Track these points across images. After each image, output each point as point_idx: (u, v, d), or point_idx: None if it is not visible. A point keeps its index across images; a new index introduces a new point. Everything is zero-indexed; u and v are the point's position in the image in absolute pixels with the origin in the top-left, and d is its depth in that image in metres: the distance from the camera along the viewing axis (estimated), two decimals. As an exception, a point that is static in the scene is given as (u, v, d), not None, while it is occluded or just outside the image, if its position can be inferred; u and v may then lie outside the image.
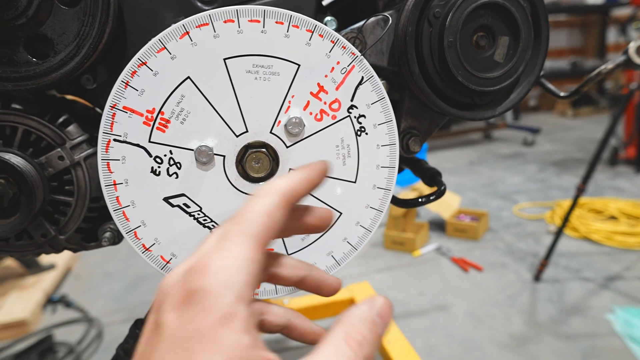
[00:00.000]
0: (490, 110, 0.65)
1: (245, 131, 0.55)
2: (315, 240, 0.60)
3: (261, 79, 0.54)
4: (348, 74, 0.56)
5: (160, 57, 0.51)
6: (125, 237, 0.55)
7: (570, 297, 2.15)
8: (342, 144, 0.58)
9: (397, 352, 1.60)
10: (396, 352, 1.60)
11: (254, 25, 0.52)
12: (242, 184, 0.56)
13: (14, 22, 0.48)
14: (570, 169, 3.92)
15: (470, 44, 0.61)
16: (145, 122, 0.52)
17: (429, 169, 0.79)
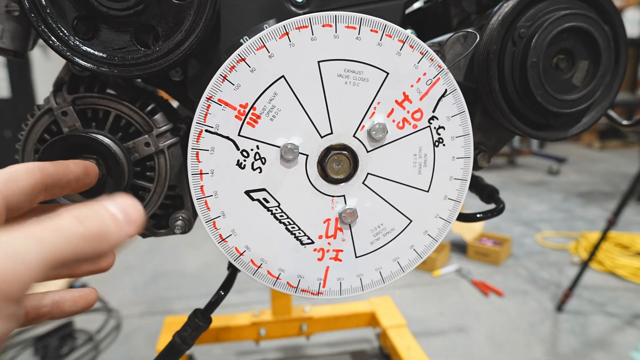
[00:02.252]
0: (562, 131, 0.66)
1: (330, 133, 0.56)
2: (383, 245, 0.61)
3: (351, 83, 0.55)
4: (433, 85, 0.57)
5: (259, 55, 0.53)
6: (205, 226, 0.57)
7: (593, 330, 2.11)
8: (419, 153, 0.59)
9: (419, 369, 1.59)
10: (417, 369, 1.59)
11: (350, 32, 0.54)
12: (321, 184, 0.58)
13: (128, 11, 0.50)
14: (596, 201, 3.87)
15: (551, 65, 0.62)
16: (237, 115, 0.54)
17: (487, 186, 0.80)
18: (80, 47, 0.52)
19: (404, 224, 0.61)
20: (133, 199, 0.34)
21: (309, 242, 0.59)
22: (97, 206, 0.32)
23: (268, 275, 0.59)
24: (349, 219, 0.58)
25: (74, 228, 0.30)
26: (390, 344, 1.76)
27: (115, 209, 0.32)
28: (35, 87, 2.53)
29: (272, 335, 1.84)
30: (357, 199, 0.59)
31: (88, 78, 0.60)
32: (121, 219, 0.32)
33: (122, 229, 0.32)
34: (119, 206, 0.33)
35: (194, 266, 2.78)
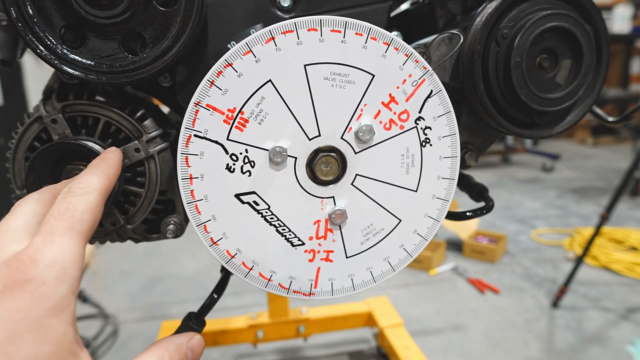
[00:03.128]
0: (547, 129, 0.67)
1: (318, 135, 0.57)
2: (373, 245, 0.62)
3: (337, 86, 0.56)
4: (418, 86, 0.58)
5: (246, 60, 0.54)
6: (195, 230, 0.57)
7: (589, 326, 2.13)
8: (407, 154, 0.60)
9: (416, 368, 1.60)
10: (415, 368, 1.60)
11: (335, 35, 0.55)
12: (310, 186, 0.58)
13: (115, 19, 0.51)
14: (590, 197, 3.90)
15: (534, 65, 0.63)
16: (225, 120, 0.55)
17: (476, 184, 0.81)
18: (68, 55, 0.52)
19: (394, 223, 0.61)
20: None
21: (300, 243, 0.60)
22: None
23: (260, 277, 0.60)
24: (339, 220, 0.59)
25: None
26: (387, 344, 1.77)
27: None
28: (28, 95, 2.53)
29: (269, 338, 1.84)
30: (346, 200, 0.60)
31: (77, 85, 0.60)
32: None
33: None
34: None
35: (190, 270, 2.78)
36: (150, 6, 0.53)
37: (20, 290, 0.29)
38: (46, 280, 0.30)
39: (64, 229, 0.34)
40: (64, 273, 0.31)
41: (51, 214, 0.35)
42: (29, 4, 0.50)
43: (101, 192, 0.39)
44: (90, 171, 0.42)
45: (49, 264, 0.31)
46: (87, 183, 0.39)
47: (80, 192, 0.37)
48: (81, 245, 0.34)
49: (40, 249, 0.32)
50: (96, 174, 0.41)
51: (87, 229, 0.36)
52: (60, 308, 0.30)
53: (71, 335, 0.31)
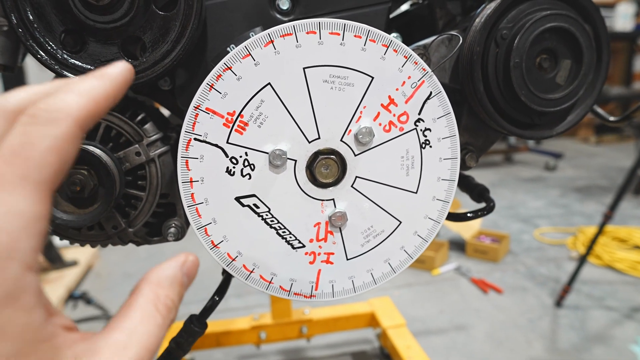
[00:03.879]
0: (547, 130, 0.67)
1: (317, 138, 0.57)
2: (374, 246, 0.62)
3: (336, 88, 0.56)
4: (418, 88, 0.58)
5: (245, 63, 0.54)
6: (196, 233, 0.57)
7: (593, 325, 2.12)
8: (407, 155, 0.60)
9: (419, 368, 1.60)
10: (418, 368, 1.60)
11: (334, 38, 0.55)
12: (310, 188, 0.59)
13: (114, 24, 0.51)
14: (594, 195, 3.89)
15: (534, 65, 0.63)
16: (225, 123, 0.55)
17: (477, 185, 0.80)
18: (68, 60, 0.52)
19: (394, 225, 0.62)
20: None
21: (300, 245, 0.60)
22: None
23: (260, 280, 0.60)
24: (339, 222, 0.59)
25: None
26: (390, 344, 1.77)
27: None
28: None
29: (272, 339, 1.84)
30: (346, 202, 0.60)
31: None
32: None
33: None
34: None
35: (193, 272, 2.78)
36: (149, 10, 0.53)
37: None
38: None
39: (13, 178, 0.23)
40: (13, 247, 0.22)
41: (4, 154, 0.24)
42: (29, 10, 0.50)
43: (78, 120, 0.26)
44: (71, 87, 0.27)
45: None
46: (60, 104, 0.26)
47: (47, 118, 0.25)
48: (39, 201, 0.24)
49: None
50: (77, 92, 0.27)
51: (49, 176, 0.24)
52: (15, 295, 0.22)
53: (37, 320, 0.24)
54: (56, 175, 0.25)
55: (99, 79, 0.28)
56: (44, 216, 0.24)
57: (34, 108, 0.26)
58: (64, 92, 0.27)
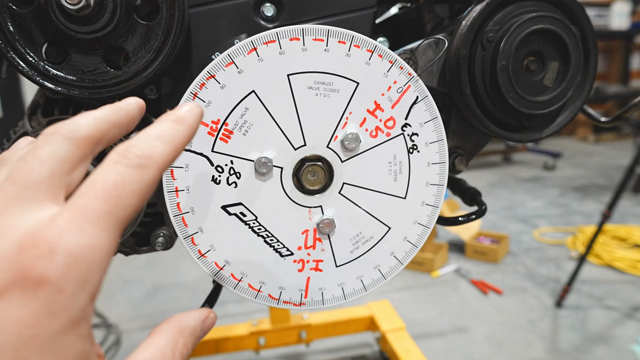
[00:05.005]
0: (537, 132, 0.66)
1: (303, 145, 0.57)
2: (363, 253, 0.61)
3: (321, 95, 0.56)
4: (404, 93, 0.58)
5: (228, 71, 0.54)
6: (183, 242, 0.57)
7: (593, 325, 2.11)
8: (394, 161, 0.59)
9: (418, 372, 1.59)
10: (417, 372, 1.59)
11: (318, 44, 0.55)
12: (297, 196, 0.58)
13: (96, 34, 0.51)
14: (593, 194, 3.88)
15: (521, 68, 0.62)
16: (209, 132, 0.55)
17: (469, 189, 0.80)
18: (50, 71, 0.52)
19: (383, 231, 0.61)
20: None
21: (289, 253, 0.59)
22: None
23: (249, 288, 0.59)
24: (327, 229, 0.59)
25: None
26: (389, 348, 1.76)
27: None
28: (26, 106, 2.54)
29: (271, 344, 1.84)
30: (334, 208, 0.59)
31: (63, 100, 0.60)
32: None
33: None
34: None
35: (192, 278, 2.78)
36: (131, 19, 0.53)
37: (33, 296, 0.22)
38: (65, 287, 0.23)
39: (102, 213, 0.25)
40: (87, 278, 0.24)
41: (92, 184, 0.25)
42: (10, 21, 0.50)
43: (163, 168, 0.28)
44: (159, 133, 0.29)
45: (71, 264, 0.23)
46: (151, 151, 0.27)
47: (138, 162, 0.27)
48: (115, 239, 0.26)
49: (64, 235, 0.23)
50: (166, 141, 0.29)
51: (128, 216, 0.26)
52: (78, 321, 0.24)
53: (88, 350, 0.25)
54: (132, 217, 0.27)
55: (179, 124, 0.30)
56: (112, 253, 0.26)
57: (125, 150, 0.27)
58: (151, 137, 0.28)
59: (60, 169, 0.27)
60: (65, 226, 0.24)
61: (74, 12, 0.49)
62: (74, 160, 0.28)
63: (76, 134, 0.28)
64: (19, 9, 0.50)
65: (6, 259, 0.23)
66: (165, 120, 0.30)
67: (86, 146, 0.28)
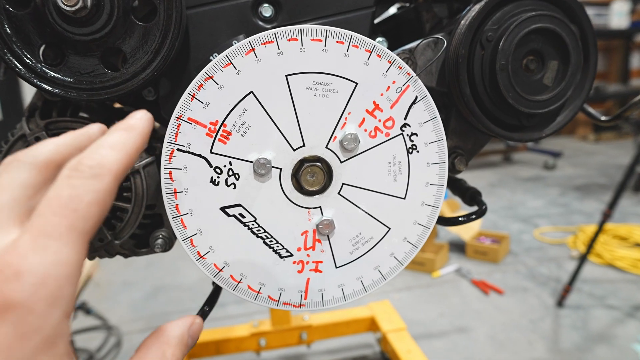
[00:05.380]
0: (537, 132, 0.66)
1: (302, 145, 0.57)
2: (363, 254, 0.61)
3: (320, 95, 0.56)
4: (403, 93, 0.58)
5: (226, 72, 0.53)
6: (182, 244, 0.57)
7: (595, 324, 2.11)
8: (394, 161, 0.59)
9: (419, 373, 1.58)
10: (418, 372, 1.58)
11: (316, 44, 0.54)
12: (296, 197, 0.58)
13: (93, 36, 0.51)
14: (593, 194, 3.88)
15: (521, 67, 0.62)
16: (208, 133, 0.54)
17: (469, 189, 0.80)
18: (47, 73, 0.52)
19: (383, 232, 0.61)
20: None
21: (288, 254, 0.59)
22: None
23: (249, 290, 0.59)
24: (327, 230, 0.59)
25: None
26: (391, 349, 1.75)
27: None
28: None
29: (272, 345, 1.83)
30: (333, 209, 0.59)
31: (60, 102, 0.60)
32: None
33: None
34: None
35: (192, 280, 2.77)
36: (128, 21, 0.52)
37: (2, 320, 0.22)
38: (34, 307, 0.23)
39: (62, 229, 0.25)
40: (58, 295, 0.24)
41: (48, 203, 0.25)
42: (6, 23, 0.50)
43: (117, 175, 0.28)
44: (110, 142, 0.30)
45: (38, 283, 0.23)
46: (102, 160, 0.28)
47: (91, 173, 0.27)
48: (81, 251, 0.26)
49: (28, 256, 0.23)
50: (116, 148, 0.29)
51: (91, 227, 0.26)
52: (53, 340, 0.23)
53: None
54: (96, 226, 0.27)
55: (129, 132, 0.31)
56: (82, 265, 0.26)
57: (77, 163, 0.28)
58: (101, 147, 0.29)
59: (21, 194, 0.28)
60: (28, 247, 0.24)
61: (71, 13, 0.48)
62: (35, 184, 0.29)
63: (36, 159, 0.29)
64: (16, 11, 0.50)
65: None
66: (116, 130, 0.31)
67: (47, 170, 0.30)
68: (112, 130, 0.31)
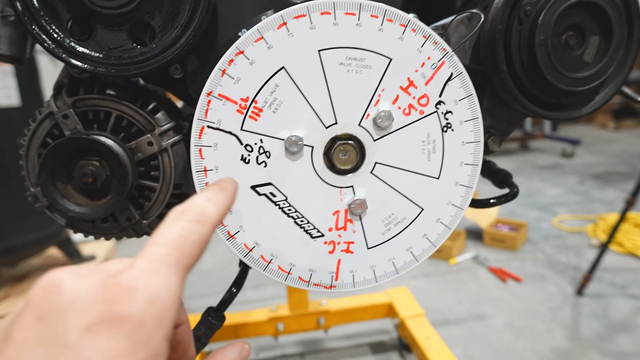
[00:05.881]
0: (575, 110, 0.64)
1: (335, 123, 0.55)
2: (395, 235, 0.60)
3: (353, 71, 0.54)
4: (438, 69, 0.56)
5: (258, 47, 0.52)
6: (211, 223, 0.56)
7: (616, 313, 2.07)
8: (427, 140, 0.57)
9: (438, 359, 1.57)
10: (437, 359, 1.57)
11: (350, 18, 0.52)
12: (328, 175, 0.56)
13: (122, 9, 0.49)
14: (613, 182, 3.80)
15: (560, 43, 0.59)
16: (238, 110, 0.53)
17: (500, 171, 0.78)
18: (75, 48, 0.51)
19: (416, 212, 0.59)
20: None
21: (319, 235, 0.58)
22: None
23: (279, 271, 0.58)
24: (359, 210, 0.57)
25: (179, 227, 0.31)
26: (409, 334, 1.75)
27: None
28: (44, 95, 2.55)
29: (290, 330, 1.84)
30: (366, 189, 0.58)
31: (87, 80, 0.59)
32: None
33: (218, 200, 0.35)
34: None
35: (209, 265, 2.79)
36: (158, -6, 0.51)
37: (118, 329, 0.24)
38: (146, 322, 0.25)
39: (172, 259, 0.28)
40: (164, 316, 0.26)
41: (160, 236, 0.30)
42: (35, -3, 0.49)
43: (214, 225, 0.33)
44: (208, 197, 0.35)
45: (149, 301, 0.26)
46: (205, 210, 0.33)
47: (196, 218, 0.32)
48: (182, 284, 0.28)
49: (143, 277, 0.26)
50: (214, 203, 0.34)
51: (191, 265, 0.30)
52: (156, 358, 0.25)
53: None
54: (193, 266, 0.30)
55: (223, 191, 0.36)
56: (180, 299, 0.29)
57: (184, 209, 0.32)
58: (203, 199, 0.34)
59: None
60: (144, 269, 0.27)
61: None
62: None
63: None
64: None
65: (94, 295, 0.25)
66: (211, 187, 0.37)
67: None
68: (207, 188, 0.37)
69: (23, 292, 2.41)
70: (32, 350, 0.23)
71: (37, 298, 0.25)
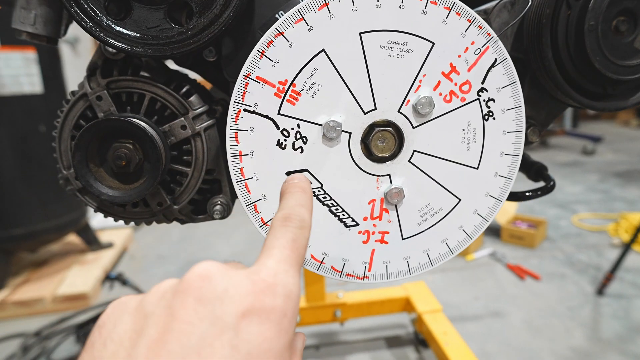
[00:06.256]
0: (622, 101, 0.61)
1: (374, 109, 0.53)
2: (431, 225, 0.58)
3: (394, 55, 0.52)
4: (481, 55, 0.54)
5: (298, 28, 0.50)
6: (245, 210, 0.55)
7: (638, 314, 2.03)
8: (468, 128, 0.55)
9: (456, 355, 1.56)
10: (455, 354, 1.56)
11: (393, 0, 0.51)
12: (365, 163, 0.55)
13: (161, -13, 0.48)
14: (636, 180, 3.73)
15: (610, 29, 0.57)
16: (276, 93, 0.52)
17: (534, 163, 0.75)
18: (113, 27, 0.50)
19: (453, 203, 0.58)
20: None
21: (354, 224, 0.57)
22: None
23: (311, 259, 0.57)
24: (395, 199, 0.56)
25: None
26: (426, 329, 1.73)
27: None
28: (67, 83, 2.57)
29: (306, 322, 1.83)
30: (403, 177, 0.56)
31: (121, 61, 0.58)
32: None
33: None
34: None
35: (224, 255, 2.80)
36: (197, -27, 0.50)
37: (267, 318, 0.28)
38: (287, 312, 0.29)
39: (293, 261, 0.32)
40: (296, 310, 0.30)
41: (278, 241, 0.33)
42: (74, -26, 0.48)
43: (310, 227, 0.37)
44: (300, 202, 0.39)
45: (288, 295, 0.29)
46: (303, 217, 0.37)
47: (300, 225, 0.36)
48: (299, 283, 0.32)
49: (278, 276, 0.30)
50: (307, 208, 0.38)
51: (302, 266, 0.34)
52: (291, 345, 0.29)
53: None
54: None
55: (305, 193, 0.40)
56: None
57: (287, 216, 0.36)
58: (299, 206, 0.38)
59: None
60: (277, 268, 0.31)
61: (140, -38, 0.46)
62: None
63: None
64: (83, -39, 0.48)
65: (244, 288, 0.29)
66: (294, 190, 0.40)
67: None
68: (290, 191, 0.41)
69: (42, 277, 2.44)
70: (197, 326, 0.27)
71: (194, 283, 0.29)
